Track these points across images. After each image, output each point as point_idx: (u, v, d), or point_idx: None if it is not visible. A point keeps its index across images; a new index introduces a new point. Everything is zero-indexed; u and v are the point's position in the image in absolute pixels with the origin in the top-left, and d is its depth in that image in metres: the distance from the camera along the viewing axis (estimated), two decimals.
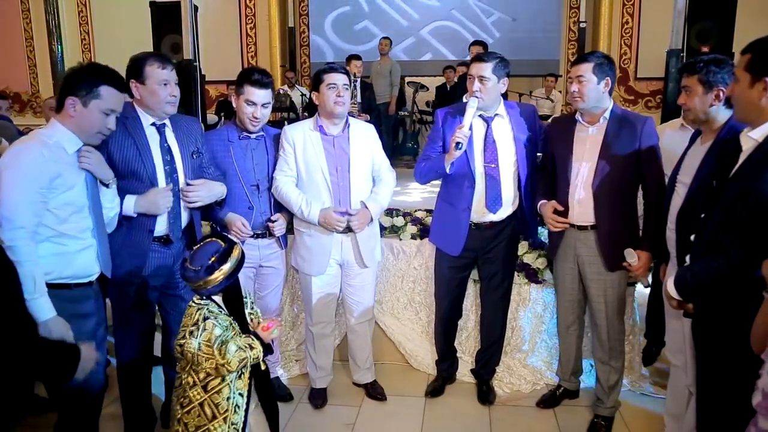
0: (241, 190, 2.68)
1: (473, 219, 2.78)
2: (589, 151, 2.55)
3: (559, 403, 2.99)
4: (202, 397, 1.93)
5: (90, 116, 2.01)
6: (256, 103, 2.62)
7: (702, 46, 4.44)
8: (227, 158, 2.68)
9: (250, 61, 8.96)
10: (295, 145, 2.75)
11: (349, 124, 2.82)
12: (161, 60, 2.38)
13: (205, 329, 1.89)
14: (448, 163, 2.68)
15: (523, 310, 3.24)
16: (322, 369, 3.01)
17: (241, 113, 2.66)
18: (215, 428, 1.93)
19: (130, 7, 8.34)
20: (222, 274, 1.92)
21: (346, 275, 2.92)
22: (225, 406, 1.94)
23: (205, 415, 1.93)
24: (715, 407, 1.89)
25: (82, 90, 1.99)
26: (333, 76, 2.69)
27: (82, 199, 2.03)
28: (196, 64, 5.24)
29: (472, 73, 2.67)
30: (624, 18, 8.14)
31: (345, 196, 2.77)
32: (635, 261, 2.45)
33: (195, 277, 1.92)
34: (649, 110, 8.03)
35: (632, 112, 2.72)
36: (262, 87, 2.62)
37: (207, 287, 1.93)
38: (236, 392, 1.96)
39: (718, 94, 2.09)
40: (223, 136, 2.72)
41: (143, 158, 2.34)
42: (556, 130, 2.76)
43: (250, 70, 2.67)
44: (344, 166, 2.77)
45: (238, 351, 1.90)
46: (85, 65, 2.10)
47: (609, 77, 2.50)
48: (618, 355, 2.74)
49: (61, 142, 1.99)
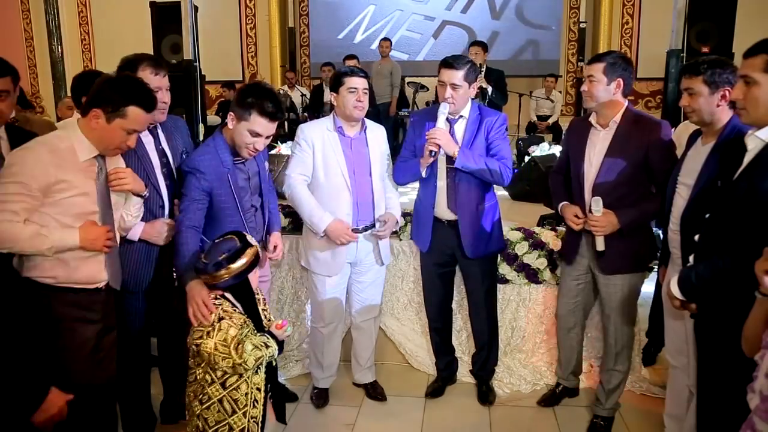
0: (236, 216, 2.41)
1: (437, 215, 2.82)
2: (598, 153, 2.54)
3: (560, 401, 2.99)
4: (220, 393, 1.98)
5: (111, 133, 1.94)
6: (262, 135, 2.31)
7: (702, 47, 4.44)
8: (225, 188, 2.37)
9: (250, 61, 8.97)
10: (314, 145, 2.72)
11: (366, 126, 2.82)
12: (155, 65, 2.31)
13: (220, 329, 1.93)
14: (424, 168, 2.71)
15: (524, 310, 3.24)
16: (328, 369, 3.01)
17: (237, 139, 2.31)
18: (235, 423, 1.99)
19: (130, 7, 8.36)
20: (228, 272, 1.95)
21: (356, 273, 2.92)
22: (244, 402, 1.99)
23: (225, 410, 1.98)
24: (716, 408, 1.89)
25: (109, 106, 1.92)
26: (354, 80, 2.67)
27: (92, 207, 1.97)
28: (196, 65, 5.23)
29: (443, 80, 2.65)
30: (624, 18, 8.15)
31: (366, 199, 2.77)
32: (599, 211, 2.45)
33: (203, 271, 1.97)
34: (649, 110, 8.04)
35: (647, 115, 2.65)
36: (274, 120, 2.30)
37: (214, 282, 1.98)
38: (254, 387, 2.01)
39: (725, 94, 2.09)
40: (216, 162, 2.34)
41: (143, 163, 2.32)
42: (572, 132, 2.76)
43: (261, 95, 2.28)
44: (363, 168, 2.77)
45: (254, 350, 1.94)
46: (121, 78, 2.01)
47: (622, 78, 2.46)
48: (624, 360, 2.73)
49: (74, 146, 1.92)
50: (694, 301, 1.95)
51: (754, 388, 1.45)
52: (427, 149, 2.63)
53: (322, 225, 2.67)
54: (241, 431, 2.00)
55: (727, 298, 1.78)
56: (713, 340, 1.88)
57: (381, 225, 2.81)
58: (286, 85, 8.18)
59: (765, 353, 1.42)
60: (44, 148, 1.89)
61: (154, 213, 2.38)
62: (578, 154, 2.61)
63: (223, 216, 2.39)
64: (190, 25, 5.09)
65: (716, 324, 1.85)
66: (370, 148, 2.80)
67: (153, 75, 2.30)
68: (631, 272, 2.59)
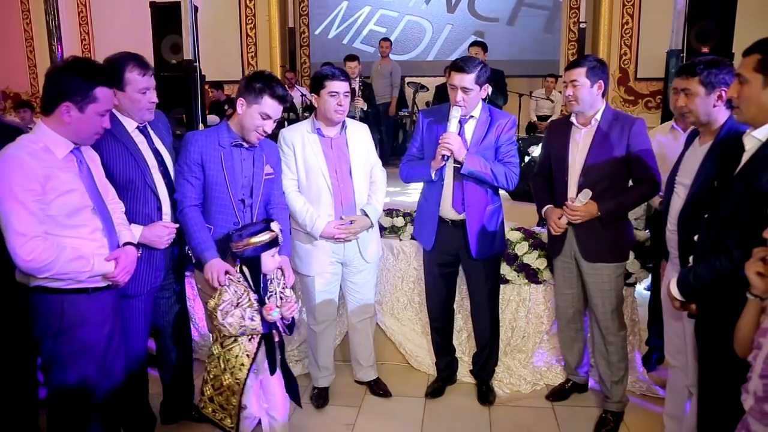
0: (228, 202, 2.46)
1: (442, 214, 2.82)
2: (581, 151, 2.62)
3: (568, 396, 3.03)
4: (219, 351, 2.31)
5: (88, 121, 1.94)
6: (272, 117, 2.41)
7: (702, 47, 4.43)
8: (217, 165, 2.42)
9: (250, 61, 8.96)
10: (295, 148, 2.75)
11: (346, 125, 2.83)
12: (141, 66, 2.28)
13: (219, 294, 2.27)
14: (434, 171, 2.72)
15: (524, 310, 3.24)
16: (324, 368, 3.03)
17: (247, 122, 2.40)
18: (225, 380, 2.30)
19: (130, 7, 8.34)
20: (242, 245, 2.25)
21: (347, 273, 2.94)
22: (233, 363, 2.28)
23: (220, 367, 2.31)
24: (716, 408, 1.89)
25: (77, 95, 1.90)
26: (335, 84, 2.67)
27: (84, 201, 1.97)
28: (196, 65, 5.23)
29: (454, 84, 2.65)
30: (624, 18, 8.13)
31: (347, 199, 2.79)
32: (582, 202, 2.54)
33: (229, 239, 2.31)
34: (649, 111, 8.04)
35: (624, 113, 2.78)
36: (282, 103, 2.42)
37: (233, 250, 2.31)
38: (244, 353, 2.28)
39: (721, 95, 2.09)
40: (212, 139, 2.44)
41: (138, 163, 2.31)
42: (553, 133, 2.82)
43: (270, 80, 2.40)
44: (343, 168, 2.78)
45: (240, 319, 2.22)
46: (71, 64, 1.96)
47: (602, 80, 2.58)
48: (619, 350, 2.76)
49: (49, 146, 1.91)
50: (693, 302, 1.95)
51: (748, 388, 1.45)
52: (439, 153, 2.64)
53: (318, 229, 2.74)
54: (227, 387, 2.29)
55: (726, 299, 1.79)
56: (713, 341, 1.88)
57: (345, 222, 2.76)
58: (286, 84, 8.17)
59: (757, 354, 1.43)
60: (22, 153, 1.85)
61: (150, 216, 2.36)
62: (561, 152, 2.69)
63: (214, 194, 2.44)
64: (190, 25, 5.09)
65: (716, 325, 1.85)
66: (351, 148, 2.80)
67: (141, 76, 2.27)
68: (613, 262, 2.66)
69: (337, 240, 2.79)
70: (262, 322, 2.25)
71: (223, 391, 2.31)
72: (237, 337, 2.26)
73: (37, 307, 1.97)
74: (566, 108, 3.03)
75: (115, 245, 2.09)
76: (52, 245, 1.86)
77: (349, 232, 2.77)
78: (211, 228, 2.45)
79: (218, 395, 2.32)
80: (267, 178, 2.54)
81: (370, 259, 2.93)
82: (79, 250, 1.94)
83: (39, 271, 1.86)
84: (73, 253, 1.91)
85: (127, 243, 2.14)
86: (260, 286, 2.31)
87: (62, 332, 1.97)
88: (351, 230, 2.78)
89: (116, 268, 2.04)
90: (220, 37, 8.52)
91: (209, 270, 2.34)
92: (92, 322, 2.02)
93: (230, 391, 2.29)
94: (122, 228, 2.17)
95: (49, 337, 1.98)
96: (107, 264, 2.02)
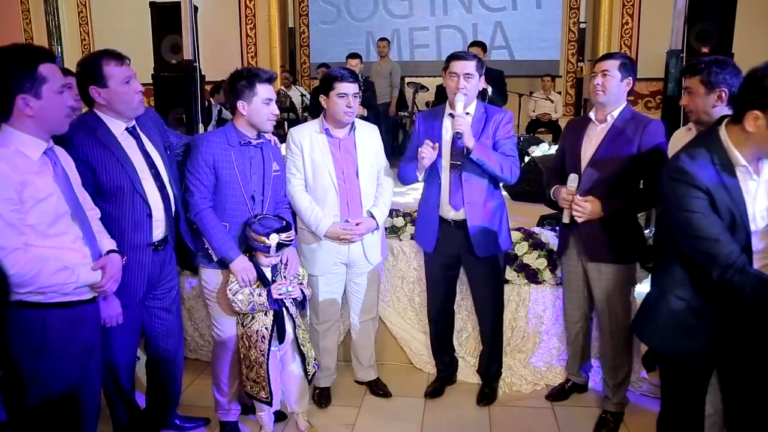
0: (241, 199, 2.50)
1: (442, 214, 2.81)
2: (593, 146, 2.60)
3: (568, 396, 3.02)
4: (242, 331, 2.56)
5: (50, 104, 1.81)
6: (272, 99, 2.48)
7: (702, 47, 4.42)
8: (229, 164, 2.47)
9: (250, 61, 8.95)
10: (303, 147, 2.75)
11: (355, 126, 2.82)
12: (116, 57, 2.19)
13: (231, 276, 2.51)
14: (427, 160, 2.69)
15: (523, 310, 3.24)
16: (326, 368, 3.03)
17: (256, 117, 2.46)
18: (252, 355, 2.52)
19: (130, 7, 8.33)
20: (254, 239, 2.44)
21: (351, 274, 2.94)
22: (255, 338, 2.51)
23: (245, 345, 2.55)
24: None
25: (26, 82, 1.76)
26: (344, 85, 2.66)
27: (62, 207, 1.87)
28: (196, 65, 5.22)
29: (456, 71, 2.66)
30: (624, 18, 8.13)
31: (354, 200, 2.79)
32: (573, 187, 2.52)
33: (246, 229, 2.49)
34: (649, 110, 8.03)
35: (642, 114, 2.72)
36: (272, 82, 2.49)
37: (248, 242, 2.49)
38: (263, 326, 2.51)
39: (721, 94, 2.10)
40: (222, 139, 2.49)
41: (126, 170, 2.22)
42: (570, 129, 2.81)
43: (249, 72, 2.45)
44: (351, 169, 2.78)
45: (249, 296, 2.46)
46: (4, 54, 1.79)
47: (631, 77, 2.56)
48: (624, 354, 2.75)
49: (20, 149, 1.79)
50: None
51: None
52: (454, 130, 2.61)
53: (323, 229, 2.74)
54: (254, 360, 2.52)
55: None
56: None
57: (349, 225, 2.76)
58: (285, 84, 8.17)
59: None
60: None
61: (140, 222, 2.27)
62: (575, 146, 2.66)
63: (227, 191, 2.49)
64: (189, 26, 5.07)
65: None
66: (359, 149, 2.80)
67: (119, 66, 2.18)
68: (616, 263, 2.61)
69: (342, 241, 2.79)
70: (269, 297, 2.46)
71: (252, 366, 2.53)
72: (253, 315, 2.50)
73: (15, 324, 1.77)
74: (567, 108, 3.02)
75: (97, 253, 1.99)
76: (34, 257, 1.76)
77: (354, 233, 2.77)
78: (227, 225, 2.49)
79: (250, 371, 2.55)
80: (275, 174, 2.59)
81: (374, 260, 2.93)
82: (63, 260, 1.83)
83: (21, 286, 1.74)
84: (57, 264, 1.81)
85: (110, 251, 2.06)
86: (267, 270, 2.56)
87: (43, 350, 1.84)
88: (356, 231, 2.78)
89: (103, 278, 1.96)
90: (220, 37, 8.51)
91: (239, 271, 2.47)
92: (77, 338, 1.91)
93: (257, 363, 2.52)
94: (102, 236, 2.08)
95: (29, 356, 1.82)
96: (94, 273, 1.93)
